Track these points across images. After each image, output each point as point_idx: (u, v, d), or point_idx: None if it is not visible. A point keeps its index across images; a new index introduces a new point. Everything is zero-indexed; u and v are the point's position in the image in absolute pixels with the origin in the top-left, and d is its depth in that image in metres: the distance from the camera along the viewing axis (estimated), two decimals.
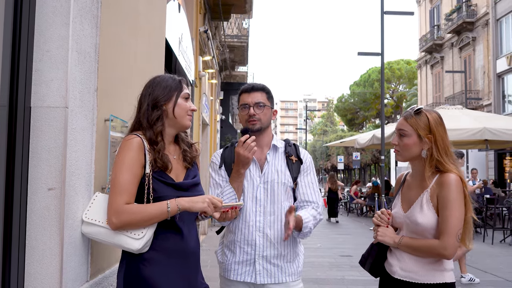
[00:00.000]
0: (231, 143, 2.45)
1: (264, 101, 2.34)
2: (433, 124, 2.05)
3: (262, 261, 2.25)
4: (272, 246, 2.26)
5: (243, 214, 2.28)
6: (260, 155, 2.36)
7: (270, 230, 2.26)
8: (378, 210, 2.22)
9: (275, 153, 2.38)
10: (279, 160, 2.36)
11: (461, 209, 1.96)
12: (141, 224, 1.80)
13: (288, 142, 2.45)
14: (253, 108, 2.31)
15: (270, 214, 2.28)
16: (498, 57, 23.42)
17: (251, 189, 2.30)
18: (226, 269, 2.31)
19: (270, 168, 2.33)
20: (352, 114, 54.36)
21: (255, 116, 2.30)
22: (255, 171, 2.33)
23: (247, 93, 2.36)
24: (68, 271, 1.83)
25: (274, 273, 2.25)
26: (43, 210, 1.77)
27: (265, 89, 2.38)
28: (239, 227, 2.29)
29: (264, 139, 2.37)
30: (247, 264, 2.26)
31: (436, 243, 1.96)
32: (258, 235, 2.26)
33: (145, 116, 1.92)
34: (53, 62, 1.82)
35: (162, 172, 1.90)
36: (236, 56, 16.86)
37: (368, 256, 2.23)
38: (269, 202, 2.29)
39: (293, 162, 2.36)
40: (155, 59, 3.41)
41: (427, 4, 32.10)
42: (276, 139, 2.42)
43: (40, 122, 1.79)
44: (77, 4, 1.90)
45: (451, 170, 2.00)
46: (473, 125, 11.58)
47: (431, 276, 2.01)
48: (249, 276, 2.25)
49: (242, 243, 2.27)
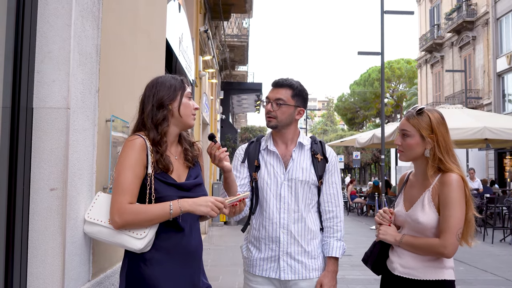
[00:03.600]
0: (257, 138, 2.44)
1: (286, 98, 2.29)
2: (435, 123, 2.06)
3: (286, 257, 2.25)
4: (296, 243, 2.26)
5: (267, 212, 2.28)
6: (285, 152, 2.34)
7: (294, 227, 2.26)
8: (379, 209, 2.23)
9: (300, 150, 2.35)
10: (304, 158, 2.33)
11: (462, 209, 1.98)
12: (143, 224, 1.81)
13: (315, 140, 2.41)
14: (271, 104, 2.29)
15: (294, 212, 2.27)
16: (498, 56, 23.41)
17: (274, 187, 2.29)
18: (251, 265, 2.32)
19: (295, 166, 2.30)
20: (352, 113, 54.32)
21: (271, 113, 2.29)
22: (279, 168, 2.31)
23: (273, 88, 2.34)
24: (70, 271, 1.85)
25: (298, 269, 2.25)
26: (45, 210, 1.78)
27: (292, 86, 2.31)
28: (263, 224, 2.29)
29: (287, 136, 2.35)
30: (272, 261, 2.27)
31: (436, 241, 1.98)
32: (283, 232, 2.26)
33: (149, 116, 1.92)
34: (55, 64, 1.83)
35: (164, 173, 1.90)
36: (236, 56, 16.87)
37: (370, 254, 2.25)
38: (293, 200, 2.28)
39: (318, 160, 2.34)
40: (155, 59, 3.42)
41: (427, 3, 32.08)
42: (303, 136, 2.39)
43: (42, 123, 1.81)
44: (78, 6, 1.91)
45: (452, 170, 2.01)
46: (473, 124, 11.57)
47: (430, 273, 2.02)
48: (273, 272, 2.26)
49: (267, 240, 2.28)
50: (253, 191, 2.33)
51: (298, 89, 2.33)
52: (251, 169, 2.33)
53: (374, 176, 49.27)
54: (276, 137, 2.38)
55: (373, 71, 49.34)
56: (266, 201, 2.29)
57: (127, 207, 1.79)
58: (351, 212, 18.94)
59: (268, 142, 2.37)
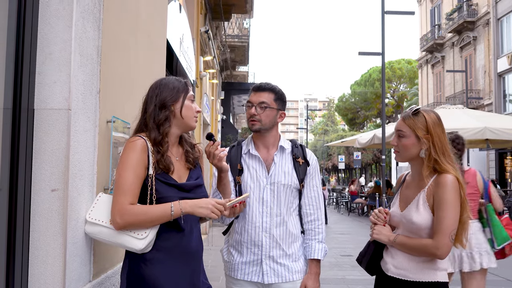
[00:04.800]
0: (238, 142, 2.44)
1: (269, 102, 2.30)
2: (430, 124, 2.06)
3: (269, 261, 2.26)
4: (278, 246, 2.27)
5: (249, 215, 2.28)
6: (267, 156, 2.35)
7: (276, 230, 2.27)
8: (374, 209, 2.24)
9: (282, 154, 2.36)
10: (286, 162, 2.34)
11: (456, 210, 1.98)
12: (144, 225, 1.82)
13: (295, 143, 2.43)
14: (255, 108, 2.30)
15: (276, 215, 2.28)
16: (499, 57, 23.40)
17: (257, 190, 2.29)
18: (233, 269, 2.32)
19: (277, 170, 2.31)
20: (353, 113, 54.30)
21: (255, 117, 2.29)
22: (262, 172, 2.31)
23: (254, 92, 2.35)
24: (71, 271, 1.85)
25: (280, 272, 2.26)
26: (46, 211, 1.79)
27: (274, 90, 2.34)
28: (245, 228, 2.29)
29: (268, 140, 2.36)
30: (254, 264, 2.27)
31: (429, 242, 1.98)
32: (265, 235, 2.26)
33: (151, 116, 1.93)
34: (56, 65, 1.84)
35: (165, 174, 1.91)
36: (237, 56, 16.87)
37: (364, 254, 2.26)
38: (275, 203, 2.28)
39: (300, 164, 2.35)
40: (156, 60, 3.42)
41: (428, 3, 32.07)
42: (284, 140, 2.40)
43: (44, 124, 1.81)
44: (79, 7, 1.92)
45: (448, 171, 2.01)
46: (474, 124, 11.56)
47: (423, 274, 2.02)
48: (256, 275, 2.26)
49: (249, 243, 2.28)
50: (236, 195, 2.32)
51: (279, 93, 2.36)
52: (235, 173, 2.33)
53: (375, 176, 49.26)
54: (257, 140, 2.38)
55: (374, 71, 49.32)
56: (249, 205, 2.29)
57: (128, 208, 1.80)
58: (352, 212, 18.94)
59: (250, 146, 2.37)
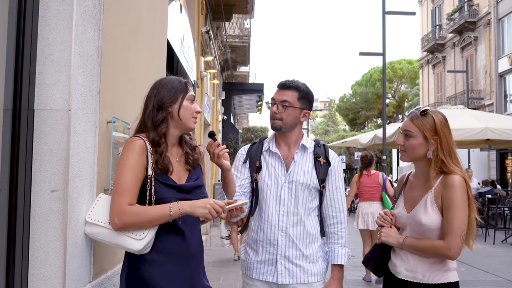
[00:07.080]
0: (260, 139, 2.42)
1: (292, 100, 2.26)
2: (439, 125, 2.05)
3: (284, 261, 2.22)
4: (294, 246, 2.23)
5: (266, 214, 2.25)
6: (287, 154, 2.32)
7: (293, 230, 2.23)
8: (381, 211, 2.23)
9: (303, 153, 2.32)
10: (306, 161, 2.30)
11: (465, 210, 1.97)
12: (142, 226, 1.82)
13: (318, 143, 2.39)
14: (277, 106, 2.27)
15: (293, 215, 2.24)
16: (500, 57, 23.37)
17: (275, 188, 2.26)
18: (249, 268, 2.30)
19: (297, 168, 2.28)
20: (354, 114, 54.24)
21: (276, 115, 2.26)
22: (280, 170, 2.28)
23: (278, 89, 2.32)
24: (71, 272, 1.85)
25: (296, 273, 2.22)
26: (46, 212, 1.79)
27: (299, 88, 2.28)
28: (261, 226, 2.26)
29: (290, 138, 2.32)
30: (269, 264, 2.24)
31: (440, 243, 1.97)
32: (281, 235, 2.23)
33: (150, 117, 1.93)
34: (56, 66, 1.84)
35: (164, 174, 1.91)
36: (237, 56, 16.88)
37: (371, 257, 2.24)
38: (293, 203, 2.25)
39: (320, 163, 2.30)
40: (157, 60, 3.42)
41: (429, 4, 32.05)
42: (306, 139, 2.36)
43: (44, 125, 1.81)
44: (79, 8, 1.92)
45: (455, 172, 2.01)
46: (474, 124, 11.54)
47: (435, 276, 2.02)
48: (270, 275, 2.23)
49: (264, 242, 2.25)
50: (253, 192, 2.31)
51: (304, 92, 2.30)
52: (252, 170, 2.30)
53: None
54: (279, 139, 2.36)
55: (375, 72, 49.26)
56: (265, 202, 2.26)
57: (127, 209, 1.80)
58: (353, 212, 18.92)
59: (270, 144, 2.35)
